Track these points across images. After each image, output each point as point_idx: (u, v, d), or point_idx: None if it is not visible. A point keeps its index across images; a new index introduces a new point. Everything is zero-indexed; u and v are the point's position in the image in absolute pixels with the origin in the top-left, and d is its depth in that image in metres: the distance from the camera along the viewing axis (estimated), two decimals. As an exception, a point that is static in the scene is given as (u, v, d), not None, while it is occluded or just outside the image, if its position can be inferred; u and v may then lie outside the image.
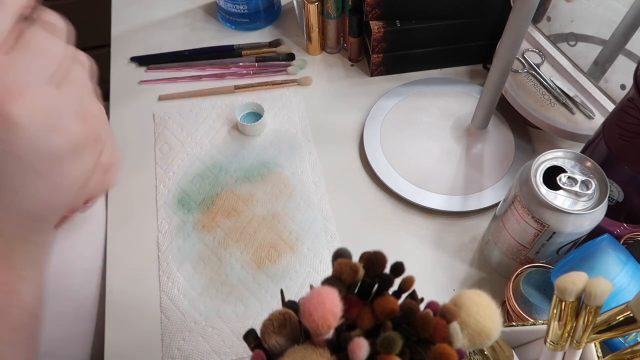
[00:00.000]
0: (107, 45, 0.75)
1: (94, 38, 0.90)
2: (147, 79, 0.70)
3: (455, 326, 0.25)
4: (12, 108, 0.25)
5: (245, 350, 0.48)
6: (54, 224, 0.33)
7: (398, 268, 0.27)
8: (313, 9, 0.67)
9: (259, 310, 0.50)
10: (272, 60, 0.72)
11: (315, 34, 0.70)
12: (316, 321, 0.24)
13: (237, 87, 0.68)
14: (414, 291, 0.28)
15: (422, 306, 0.27)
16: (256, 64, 0.71)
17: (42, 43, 0.28)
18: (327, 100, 0.68)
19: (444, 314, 0.26)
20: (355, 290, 0.28)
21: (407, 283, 0.27)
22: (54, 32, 0.29)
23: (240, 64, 0.71)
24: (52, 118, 0.27)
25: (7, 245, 0.30)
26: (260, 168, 0.60)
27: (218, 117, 0.65)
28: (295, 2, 0.78)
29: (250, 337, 0.28)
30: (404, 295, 0.28)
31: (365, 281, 0.27)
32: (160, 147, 0.63)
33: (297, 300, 0.26)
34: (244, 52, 0.72)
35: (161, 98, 0.68)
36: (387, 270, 0.27)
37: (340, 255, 0.28)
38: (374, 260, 0.27)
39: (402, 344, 0.24)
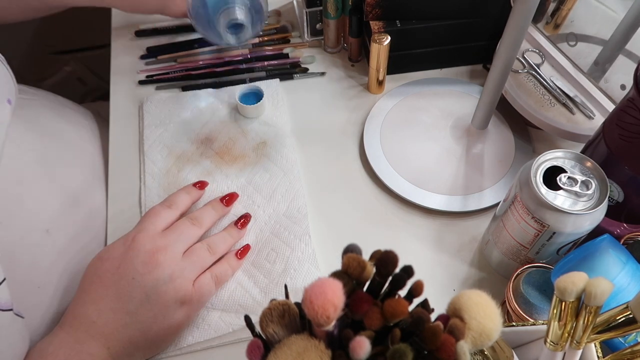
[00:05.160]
0: (107, 45, 0.75)
1: (94, 38, 0.90)
2: (145, 68, 0.70)
3: (462, 346, 0.25)
4: (155, 255, 0.43)
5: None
6: (145, 356, 0.45)
7: (408, 271, 0.27)
8: (383, 49, 0.62)
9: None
10: (270, 44, 0.74)
11: (381, 73, 0.66)
12: (315, 310, 0.24)
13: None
14: (426, 300, 0.28)
15: (432, 316, 0.27)
16: (249, 53, 0.73)
17: (184, 231, 0.46)
18: (327, 100, 0.68)
19: (452, 330, 0.25)
20: (365, 289, 0.27)
21: (418, 288, 0.27)
22: (199, 225, 0.49)
23: (240, 56, 0.72)
24: (172, 272, 0.43)
25: (111, 359, 0.41)
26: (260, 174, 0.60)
27: (218, 102, 0.66)
28: (295, 2, 0.78)
29: (246, 324, 0.29)
30: (415, 301, 0.27)
31: (376, 280, 0.27)
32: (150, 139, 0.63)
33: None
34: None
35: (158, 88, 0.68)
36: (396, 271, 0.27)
37: (350, 250, 0.28)
38: (385, 259, 0.27)
39: (412, 358, 0.24)
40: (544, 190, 0.42)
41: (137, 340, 0.42)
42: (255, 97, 0.66)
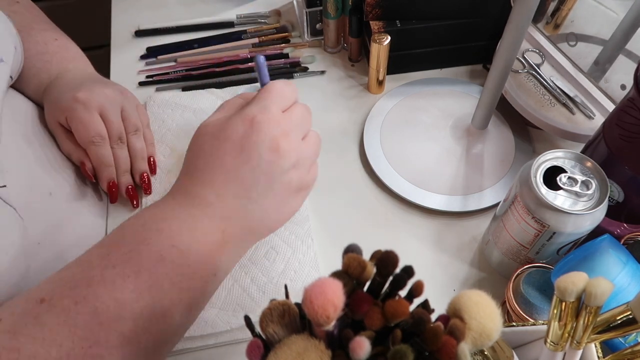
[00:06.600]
0: (107, 45, 0.75)
1: (94, 38, 0.90)
2: (145, 69, 0.70)
3: (463, 348, 0.25)
4: (281, 142, 0.39)
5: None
6: (255, 242, 0.43)
7: (408, 271, 0.27)
8: (383, 49, 0.63)
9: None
10: (272, 44, 0.74)
11: (381, 73, 0.66)
12: (315, 309, 0.24)
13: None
14: (426, 300, 0.28)
15: (432, 317, 0.27)
16: (249, 54, 0.73)
17: (303, 115, 0.42)
18: (327, 100, 0.68)
19: (453, 331, 0.25)
20: (365, 289, 0.27)
21: (419, 288, 0.27)
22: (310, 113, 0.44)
23: (240, 55, 0.73)
24: (296, 159, 0.40)
25: (223, 242, 0.39)
26: None
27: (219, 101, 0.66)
28: (295, 2, 0.78)
29: (246, 324, 0.28)
30: (416, 302, 0.27)
31: (376, 280, 0.27)
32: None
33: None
34: (248, 30, 0.75)
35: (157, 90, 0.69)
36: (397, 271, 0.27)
37: (350, 250, 0.28)
38: (386, 259, 0.27)
39: (413, 358, 0.24)
40: (544, 190, 0.42)
41: (256, 227, 0.41)
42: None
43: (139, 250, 0.36)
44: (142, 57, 0.73)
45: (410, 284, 0.27)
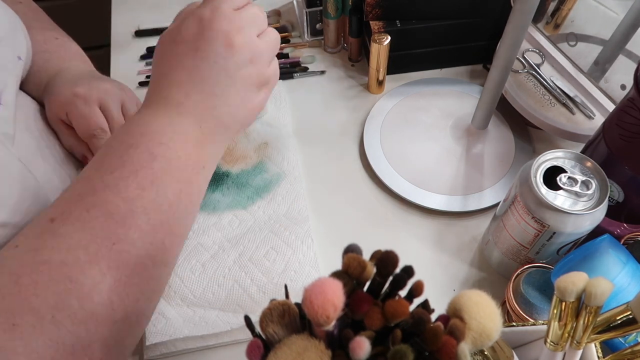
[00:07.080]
0: (107, 45, 0.75)
1: (94, 38, 0.90)
2: (145, 69, 0.70)
3: (463, 348, 0.25)
4: (234, 37, 0.40)
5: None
6: (231, 136, 0.45)
7: (408, 271, 0.27)
8: (383, 49, 0.63)
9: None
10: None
11: (381, 73, 0.66)
12: (315, 309, 0.24)
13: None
14: (426, 300, 0.28)
15: (432, 317, 0.27)
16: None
17: (256, 14, 0.43)
18: (327, 100, 0.68)
19: (453, 331, 0.25)
20: (365, 289, 0.27)
21: (419, 288, 0.27)
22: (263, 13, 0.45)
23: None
24: (253, 55, 0.42)
25: (203, 137, 0.41)
26: (261, 173, 0.60)
27: None
28: (295, 2, 0.78)
29: (246, 324, 0.28)
30: (416, 302, 0.27)
31: (376, 280, 0.27)
32: None
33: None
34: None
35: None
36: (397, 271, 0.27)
37: (350, 250, 0.28)
38: (386, 259, 0.27)
39: (413, 358, 0.24)
40: (544, 190, 0.42)
41: (228, 122, 0.43)
42: None
43: (130, 154, 0.38)
44: (142, 57, 0.73)
45: (410, 284, 0.27)
